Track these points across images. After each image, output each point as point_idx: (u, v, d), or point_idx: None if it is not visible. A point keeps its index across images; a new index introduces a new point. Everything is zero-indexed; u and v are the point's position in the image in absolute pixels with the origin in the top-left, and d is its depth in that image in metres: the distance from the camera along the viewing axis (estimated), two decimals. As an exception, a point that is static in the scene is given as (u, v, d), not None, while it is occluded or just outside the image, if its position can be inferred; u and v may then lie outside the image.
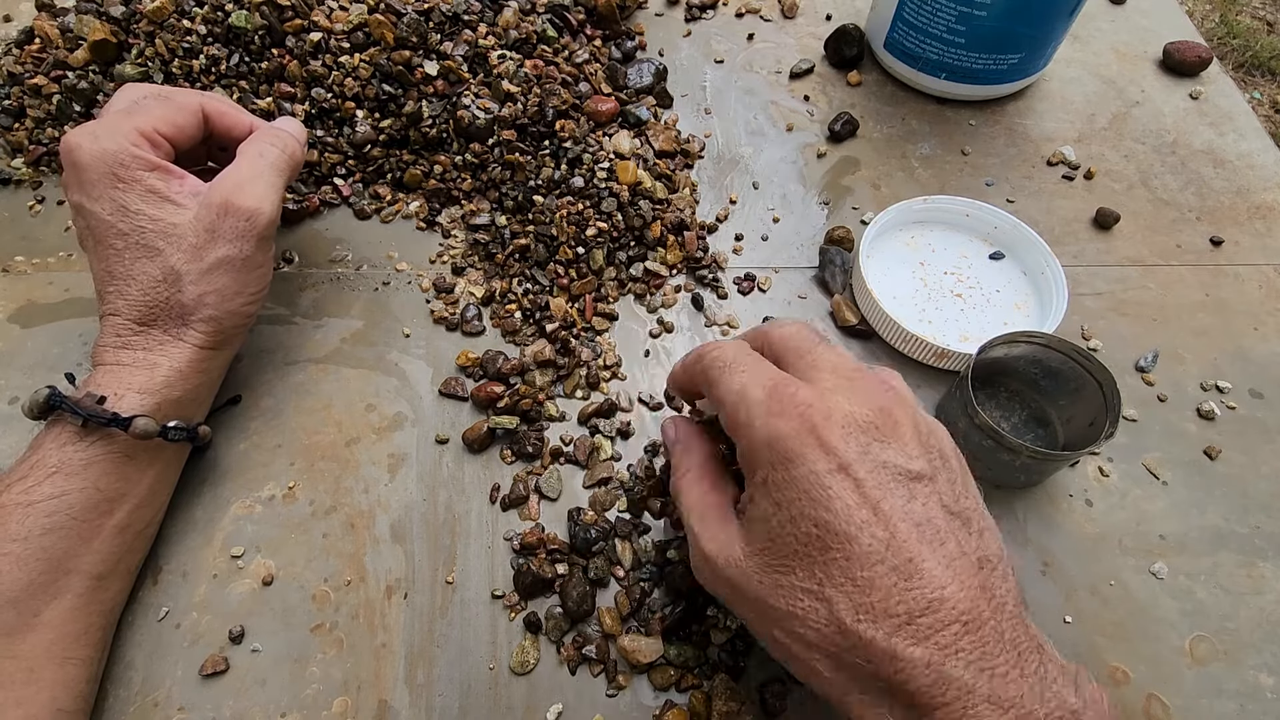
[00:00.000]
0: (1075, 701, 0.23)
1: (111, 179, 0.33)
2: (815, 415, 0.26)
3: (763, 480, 0.26)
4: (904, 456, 0.26)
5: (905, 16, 0.52)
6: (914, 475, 0.25)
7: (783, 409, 0.26)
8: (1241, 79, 1.69)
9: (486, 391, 0.40)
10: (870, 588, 0.24)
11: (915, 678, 0.23)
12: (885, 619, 0.23)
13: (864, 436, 0.26)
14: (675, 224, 0.46)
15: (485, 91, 0.46)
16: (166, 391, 0.34)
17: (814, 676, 0.25)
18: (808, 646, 0.25)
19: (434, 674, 0.34)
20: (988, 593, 0.24)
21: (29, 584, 0.30)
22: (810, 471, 0.25)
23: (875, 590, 0.24)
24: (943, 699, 0.23)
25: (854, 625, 0.24)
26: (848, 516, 0.24)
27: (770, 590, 0.26)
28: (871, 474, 0.25)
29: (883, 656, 0.23)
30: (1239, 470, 0.40)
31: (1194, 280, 0.47)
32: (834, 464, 0.25)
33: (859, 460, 0.25)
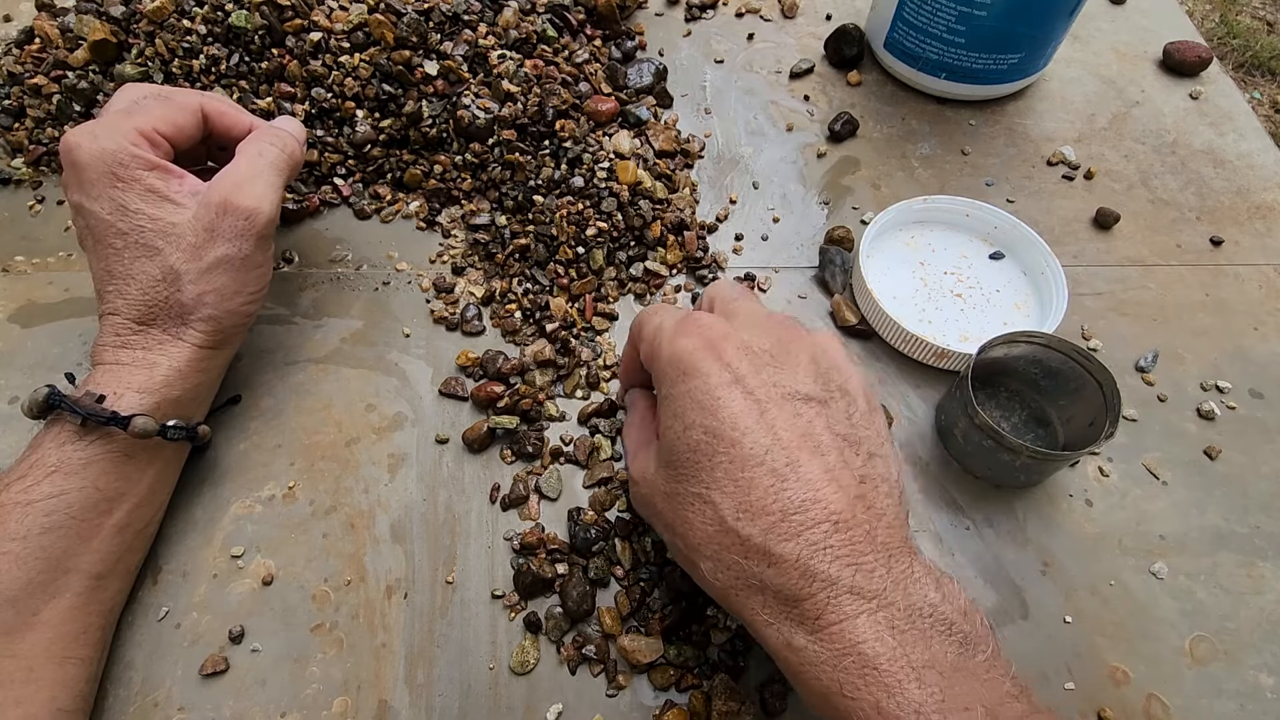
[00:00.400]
0: (935, 596, 0.25)
1: (111, 178, 0.33)
2: (714, 334, 0.28)
3: (665, 395, 0.29)
4: (795, 380, 0.28)
5: (905, 16, 0.52)
6: (803, 396, 0.28)
7: (687, 330, 0.29)
8: (1241, 79, 1.69)
9: (486, 391, 0.40)
10: (750, 488, 0.26)
11: (785, 571, 0.25)
12: (761, 516, 0.25)
13: (758, 359, 0.28)
14: (675, 224, 0.46)
15: (485, 91, 0.46)
16: (166, 391, 0.34)
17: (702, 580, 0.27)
18: (697, 547, 0.27)
19: (434, 674, 0.34)
20: (865, 501, 0.26)
21: (28, 583, 0.30)
22: (704, 382, 0.27)
23: (754, 490, 0.26)
24: (808, 590, 0.25)
25: (734, 523, 0.26)
26: (733, 423, 0.26)
27: (671, 499, 0.28)
28: (761, 388, 0.27)
29: (757, 553, 0.25)
30: (1239, 470, 0.40)
31: (1194, 280, 0.47)
32: (727, 376, 0.27)
33: (750, 375, 0.27)
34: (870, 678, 0.23)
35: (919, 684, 0.23)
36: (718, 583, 0.27)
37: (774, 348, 0.29)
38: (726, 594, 0.27)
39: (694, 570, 0.28)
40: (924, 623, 0.24)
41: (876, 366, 0.43)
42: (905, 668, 0.23)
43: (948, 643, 0.24)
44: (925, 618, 0.24)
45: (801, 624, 0.25)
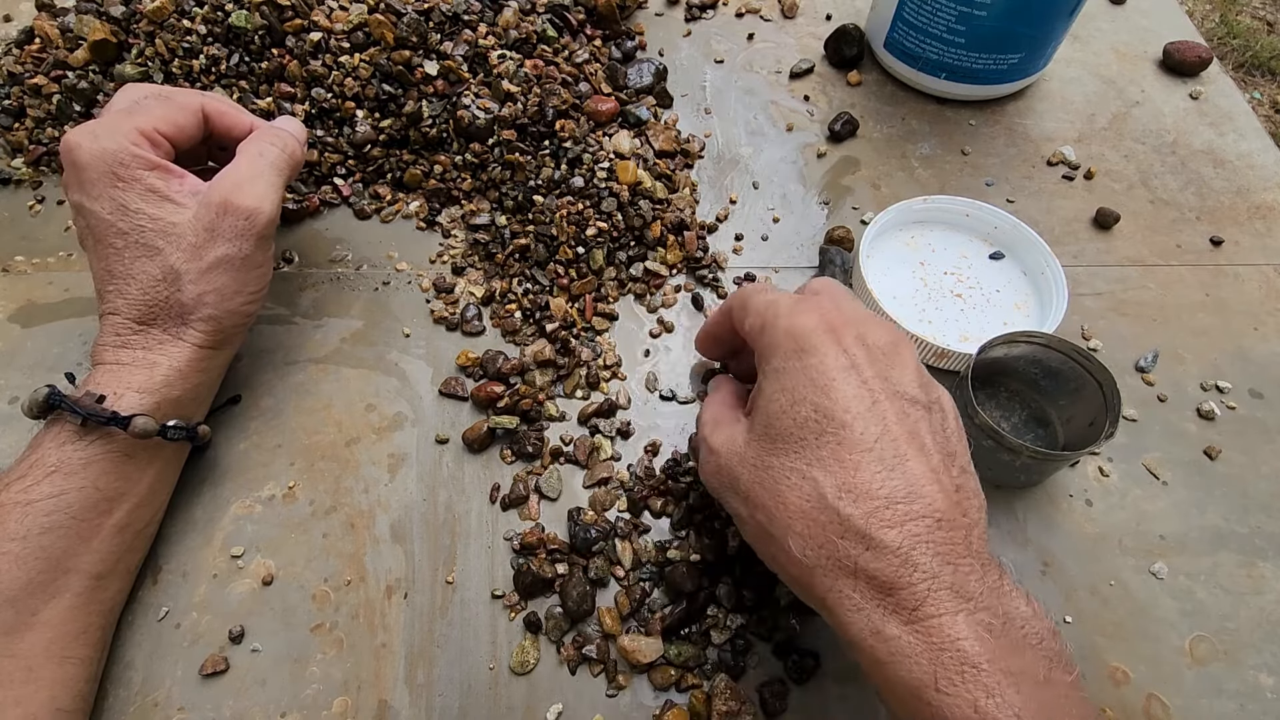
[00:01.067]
0: (1026, 610, 0.25)
1: (111, 178, 0.33)
2: (835, 319, 0.28)
3: (775, 368, 0.28)
4: (904, 381, 0.28)
5: (905, 16, 0.52)
6: (910, 398, 0.28)
7: (807, 309, 0.29)
8: (1241, 79, 1.69)
9: (486, 391, 0.40)
10: (856, 469, 0.26)
11: (884, 557, 0.24)
12: (865, 499, 0.25)
13: (873, 352, 0.28)
14: (675, 224, 0.46)
15: (485, 91, 0.46)
16: (166, 391, 0.34)
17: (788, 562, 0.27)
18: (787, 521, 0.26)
19: (434, 674, 0.34)
20: (961, 507, 0.26)
21: (28, 583, 0.30)
22: (820, 361, 0.27)
23: (860, 472, 0.25)
24: (908, 579, 0.24)
25: (835, 502, 0.25)
26: (846, 405, 0.26)
27: (763, 472, 0.27)
28: (875, 379, 0.27)
29: (856, 534, 0.25)
30: (1239, 470, 0.40)
31: (1194, 280, 0.47)
32: (844, 361, 0.27)
33: (866, 365, 0.27)
34: (969, 676, 0.23)
35: (1017, 690, 0.23)
36: (806, 560, 0.26)
37: (887, 346, 0.29)
38: (813, 574, 0.26)
39: (776, 545, 0.27)
40: (1017, 633, 0.24)
41: (876, 366, 0.43)
42: (1004, 671, 0.23)
43: (1039, 656, 0.24)
44: (1018, 628, 0.24)
45: (896, 613, 0.24)
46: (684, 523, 0.37)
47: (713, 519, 0.37)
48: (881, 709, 0.33)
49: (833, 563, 0.25)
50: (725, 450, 0.30)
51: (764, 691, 0.33)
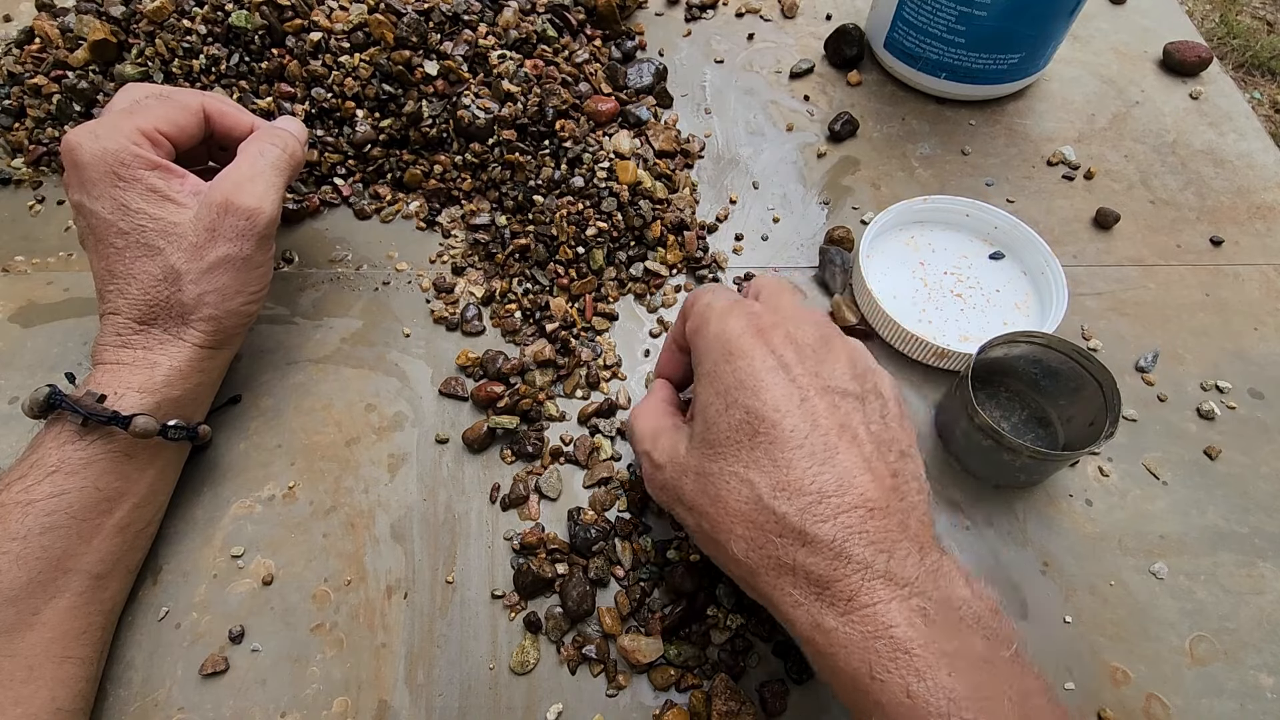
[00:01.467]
0: (965, 591, 0.25)
1: (112, 178, 0.33)
2: (763, 321, 0.29)
3: (708, 371, 0.29)
4: (835, 375, 0.29)
5: (905, 16, 0.52)
6: (841, 391, 0.28)
7: (736, 313, 0.30)
8: (1241, 79, 1.69)
9: (486, 391, 0.40)
10: (788, 468, 0.26)
11: (819, 551, 0.25)
12: (798, 496, 0.26)
13: (802, 350, 0.29)
14: (675, 224, 0.46)
15: (485, 91, 0.46)
16: (166, 390, 0.34)
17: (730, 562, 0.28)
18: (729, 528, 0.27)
19: (434, 674, 0.34)
20: (898, 493, 0.27)
21: (28, 582, 0.30)
22: (749, 364, 0.28)
23: (792, 470, 0.26)
24: (842, 572, 0.25)
25: (770, 501, 0.26)
26: (775, 405, 0.27)
27: (702, 478, 0.28)
28: (803, 376, 0.28)
29: (792, 532, 0.26)
30: (1239, 470, 0.40)
31: (1194, 280, 0.47)
32: (771, 361, 0.28)
33: (794, 363, 0.28)
34: (901, 661, 0.24)
35: (950, 671, 0.23)
36: (749, 561, 0.27)
37: (816, 342, 0.29)
38: (756, 574, 0.27)
39: (721, 550, 0.28)
40: (954, 615, 0.25)
41: (876, 366, 0.43)
42: (937, 654, 0.24)
43: (976, 636, 0.24)
44: (955, 610, 0.25)
45: (832, 605, 0.25)
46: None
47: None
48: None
49: (773, 562, 0.26)
50: (669, 462, 0.30)
51: (764, 691, 0.33)
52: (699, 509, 0.28)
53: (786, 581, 0.26)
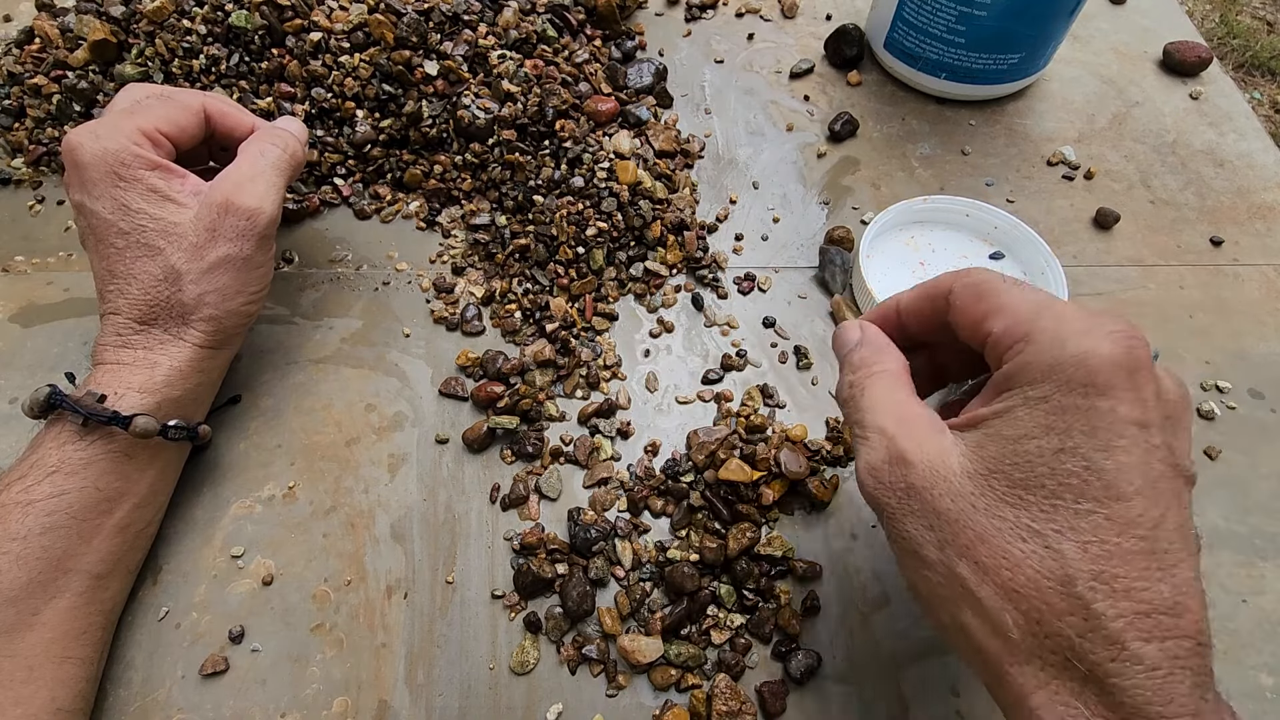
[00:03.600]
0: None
1: (113, 178, 0.33)
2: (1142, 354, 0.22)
3: (1043, 396, 0.22)
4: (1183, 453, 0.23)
5: (905, 16, 0.52)
6: (1187, 476, 0.23)
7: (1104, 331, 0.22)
8: (1241, 79, 1.69)
9: (486, 391, 0.40)
10: (1120, 559, 0.21)
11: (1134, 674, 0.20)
12: (1124, 598, 0.20)
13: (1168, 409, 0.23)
14: (675, 224, 0.46)
15: (485, 91, 0.46)
16: (166, 390, 0.34)
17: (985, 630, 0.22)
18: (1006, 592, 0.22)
19: (434, 674, 0.34)
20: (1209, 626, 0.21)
21: (28, 582, 0.30)
22: (1113, 409, 0.22)
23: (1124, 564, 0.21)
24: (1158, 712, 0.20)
25: (1085, 590, 0.21)
26: (1128, 475, 0.21)
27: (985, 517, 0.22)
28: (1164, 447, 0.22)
29: (1104, 638, 0.20)
30: (1239, 470, 0.40)
31: (1194, 280, 0.47)
32: (1140, 415, 0.22)
33: (1159, 426, 0.22)
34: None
35: None
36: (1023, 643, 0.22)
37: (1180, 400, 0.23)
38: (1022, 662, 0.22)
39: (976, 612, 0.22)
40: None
41: (876, 366, 0.43)
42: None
43: None
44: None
45: None
46: (684, 523, 0.37)
47: (713, 519, 0.37)
48: (882, 708, 0.33)
49: (1058, 659, 0.21)
50: (926, 467, 0.24)
51: (764, 691, 0.33)
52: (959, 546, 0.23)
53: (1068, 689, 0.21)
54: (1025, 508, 0.22)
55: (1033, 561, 0.21)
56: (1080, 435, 0.22)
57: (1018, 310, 0.25)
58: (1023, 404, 0.23)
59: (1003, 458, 0.23)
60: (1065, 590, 0.21)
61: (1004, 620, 0.22)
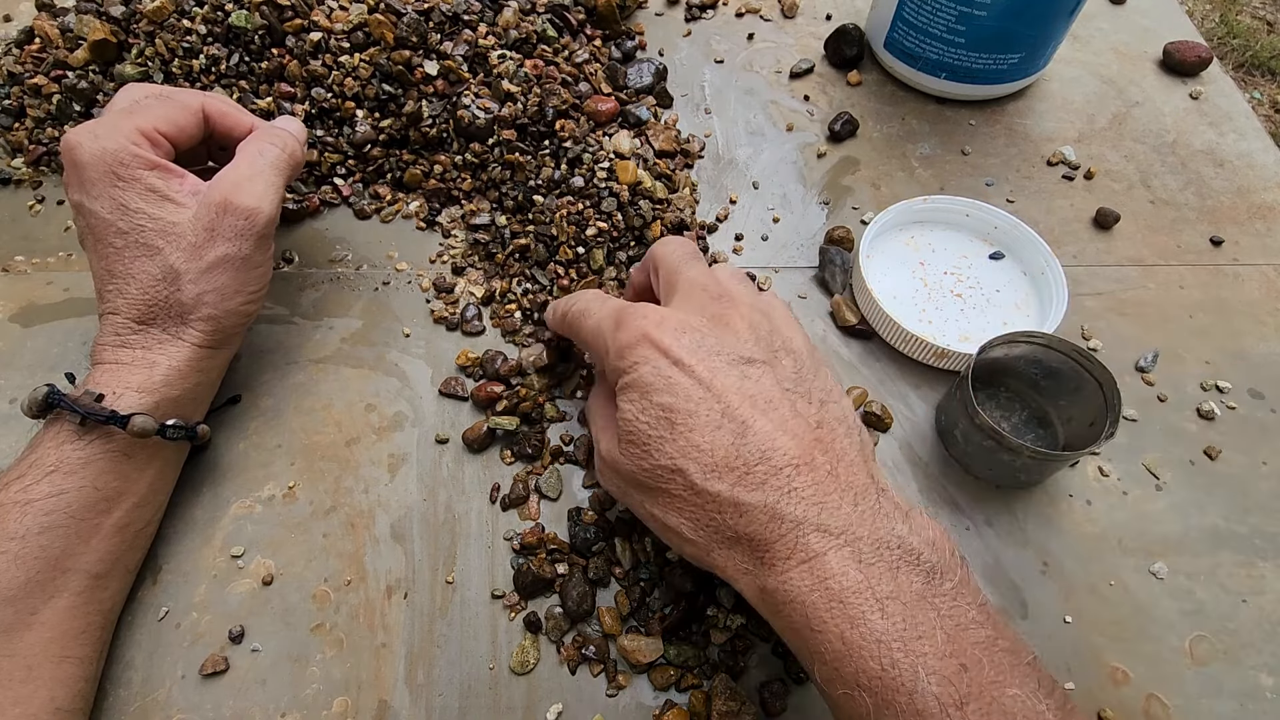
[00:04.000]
0: (902, 529, 0.26)
1: (111, 177, 0.33)
2: (649, 325, 0.30)
3: (621, 387, 0.30)
4: (735, 347, 0.30)
5: (905, 16, 0.52)
6: (745, 359, 0.29)
7: (625, 325, 0.31)
8: (1241, 79, 1.69)
9: (486, 391, 0.40)
10: (712, 449, 0.27)
11: (755, 519, 0.27)
12: (727, 473, 0.27)
13: (695, 335, 0.30)
14: (675, 224, 0.46)
15: (485, 91, 0.46)
16: (165, 390, 0.34)
17: (684, 543, 0.29)
18: (675, 512, 0.28)
19: (434, 674, 0.34)
20: (822, 444, 0.28)
21: (27, 582, 0.30)
22: (651, 369, 0.29)
23: (716, 451, 0.27)
24: (778, 533, 0.26)
25: (704, 484, 0.27)
26: (686, 395, 0.28)
27: (642, 474, 0.29)
28: (702, 361, 0.29)
29: (728, 506, 0.27)
30: (1239, 470, 0.40)
31: (1194, 280, 0.47)
32: (669, 359, 0.29)
33: (690, 353, 0.29)
34: (836, 610, 0.25)
35: (882, 614, 0.24)
36: (700, 539, 0.28)
37: (710, 323, 0.30)
38: (710, 550, 0.28)
39: (674, 535, 0.29)
40: (890, 555, 0.26)
41: (876, 367, 0.43)
42: (870, 599, 0.25)
43: (914, 573, 0.25)
44: (892, 550, 0.26)
45: (773, 566, 0.26)
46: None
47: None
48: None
49: (720, 536, 0.28)
50: (610, 460, 0.31)
51: (764, 691, 0.33)
52: (645, 501, 0.30)
53: (736, 552, 0.27)
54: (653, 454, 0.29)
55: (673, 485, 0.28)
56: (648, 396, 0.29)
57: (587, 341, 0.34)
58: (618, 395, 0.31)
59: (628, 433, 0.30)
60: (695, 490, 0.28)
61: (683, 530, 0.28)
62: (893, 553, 0.26)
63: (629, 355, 0.30)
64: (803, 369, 0.30)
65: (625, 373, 0.30)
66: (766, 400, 0.28)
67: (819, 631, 0.25)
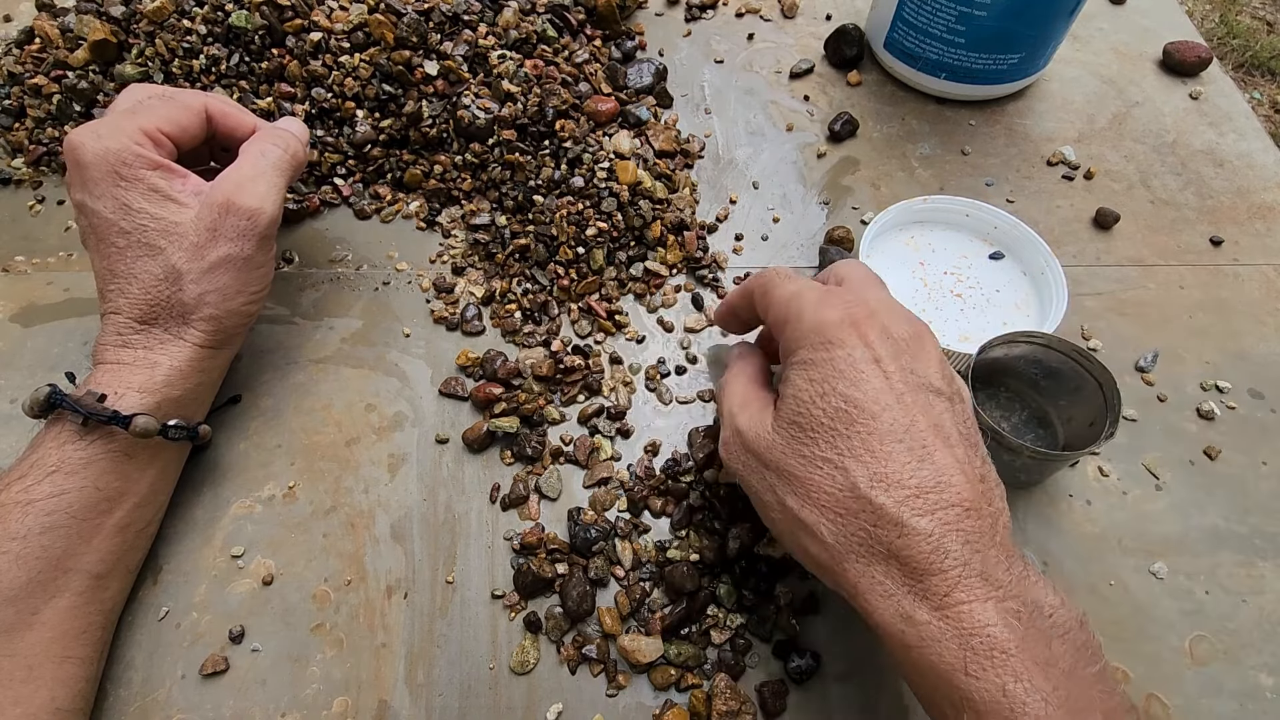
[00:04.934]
0: (1054, 600, 0.25)
1: (114, 177, 0.33)
2: (859, 312, 0.29)
3: (802, 361, 0.29)
4: (928, 373, 0.29)
5: (905, 16, 0.52)
6: (934, 389, 0.28)
7: (831, 303, 0.30)
8: (1241, 79, 1.69)
9: (485, 392, 0.40)
10: (887, 460, 0.26)
11: (917, 544, 0.25)
12: (896, 488, 0.26)
13: (897, 345, 0.29)
14: (675, 224, 0.46)
15: (485, 91, 0.46)
16: (167, 390, 0.34)
17: (814, 543, 0.28)
18: (819, 509, 0.27)
19: (434, 674, 0.34)
20: (987, 497, 0.27)
21: (28, 582, 0.30)
22: (848, 354, 0.28)
23: (891, 463, 0.26)
24: (939, 566, 0.25)
25: (868, 491, 0.26)
26: (875, 397, 0.27)
27: (792, 459, 0.28)
28: (899, 372, 0.28)
29: (889, 522, 0.26)
30: (1239, 470, 0.40)
31: (1194, 280, 0.47)
32: (870, 354, 0.28)
33: (890, 358, 0.28)
34: (998, 661, 0.24)
35: (1045, 676, 0.23)
36: (838, 545, 0.27)
37: (910, 337, 0.29)
38: (843, 560, 0.27)
39: (806, 533, 0.28)
40: (1045, 622, 0.25)
41: (876, 366, 0.43)
42: (1031, 658, 0.24)
43: (1066, 646, 0.24)
44: (1047, 618, 0.25)
45: (926, 598, 0.25)
46: (684, 523, 0.37)
47: (713, 519, 0.37)
48: (882, 708, 0.33)
49: (865, 548, 0.26)
50: (752, 433, 0.30)
51: (764, 691, 0.33)
52: (784, 486, 0.28)
53: (879, 570, 0.26)
54: (816, 444, 0.28)
55: (829, 482, 0.27)
56: (833, 379, 0.28)
57: (780, 300, 0.32)
58: (793, 369, 0.30)
59: (793, 410, 0.29)
60: (854, 495, 0.26)
61: (821, 531, 0.27)
62: (1047, 620, 0.25)
63: (828, 332, 0.29)
64: (970, 420, 0.29)
65: (818, 348, 0.29)
66: (947, 435, 0.27)
67: (976, 678, 0.24)
